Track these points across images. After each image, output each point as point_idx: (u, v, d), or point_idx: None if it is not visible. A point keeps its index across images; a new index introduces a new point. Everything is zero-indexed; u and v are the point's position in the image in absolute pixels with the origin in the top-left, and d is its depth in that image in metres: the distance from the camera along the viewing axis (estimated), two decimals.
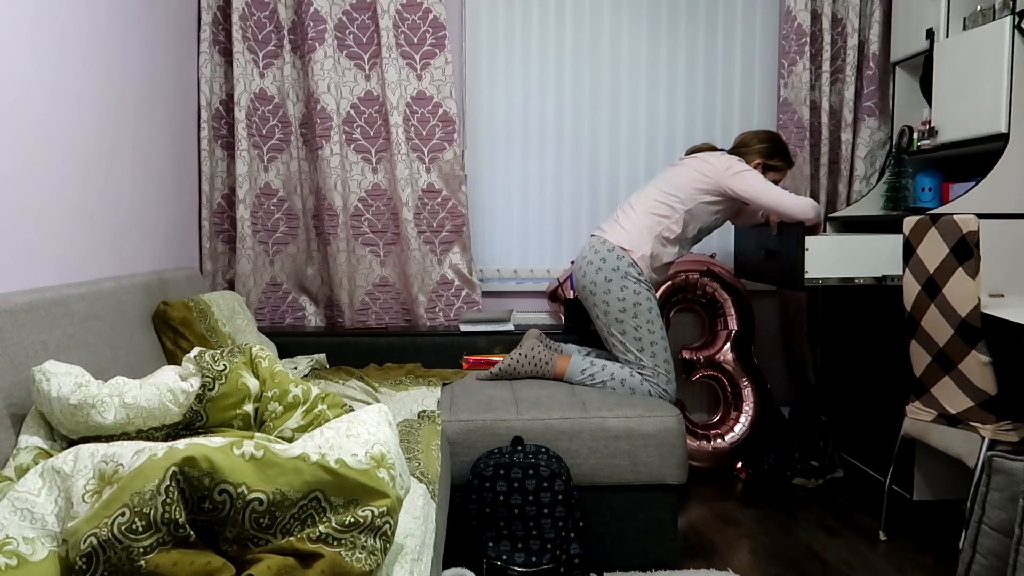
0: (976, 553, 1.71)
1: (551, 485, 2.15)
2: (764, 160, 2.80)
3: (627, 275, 2.59)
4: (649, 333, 2.58)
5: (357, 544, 1.14)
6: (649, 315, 2.58)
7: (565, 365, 2.65)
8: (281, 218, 3.25)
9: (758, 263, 2.98)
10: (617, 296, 2.59)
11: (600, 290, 2.62)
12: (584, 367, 2.63)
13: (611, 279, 2.60)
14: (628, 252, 2.61)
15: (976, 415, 2.20)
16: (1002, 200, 2.58)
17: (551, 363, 2.66)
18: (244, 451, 1.14)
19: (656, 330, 2.59)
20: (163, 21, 2.71)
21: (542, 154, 3.40)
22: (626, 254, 2.61)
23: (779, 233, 2.78)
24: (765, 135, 2.83)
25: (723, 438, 3.15)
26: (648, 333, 2.58)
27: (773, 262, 2.84)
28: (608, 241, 2.66)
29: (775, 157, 2.83)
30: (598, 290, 2.62)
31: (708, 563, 2.38)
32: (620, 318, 2.59)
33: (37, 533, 1.16)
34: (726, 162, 2.68)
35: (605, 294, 2.61)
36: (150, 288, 2.31)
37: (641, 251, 2.62)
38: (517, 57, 3.37)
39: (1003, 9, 2.58)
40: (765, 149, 2.81)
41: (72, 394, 1.49)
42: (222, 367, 1.64)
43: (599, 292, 2.62)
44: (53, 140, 1.97)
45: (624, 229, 2.67)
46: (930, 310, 2.26)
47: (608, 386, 2.58)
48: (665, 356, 2.59)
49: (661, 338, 2.59)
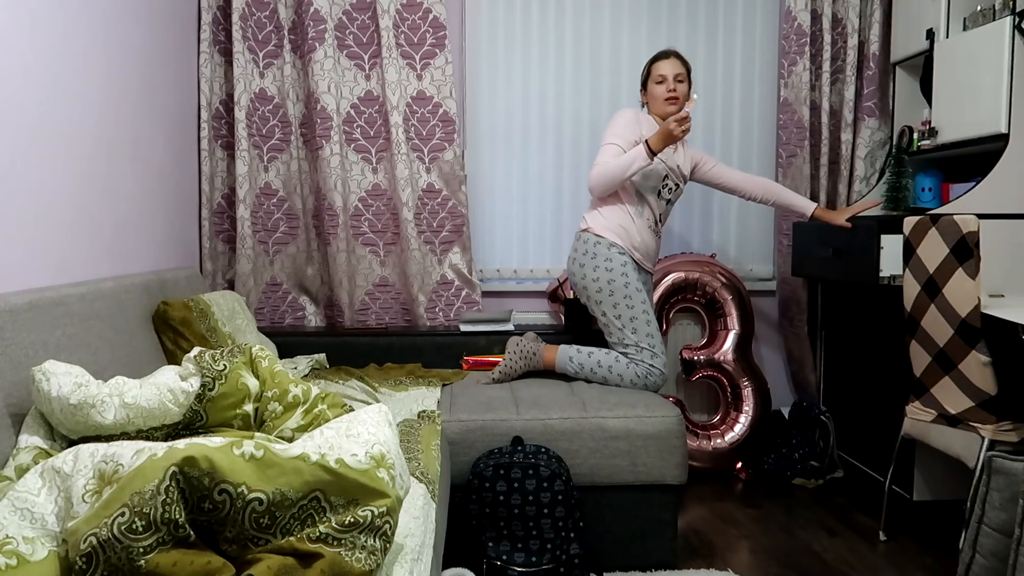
0: (976, 553, 1.71)
1: (551, 485, 2.15)
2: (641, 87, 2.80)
3: (596, 255, 2.65)
4: (628, 308, 2.60)
5: (357, 544, 1.14)
6: (626, 290, 2.61)
7: (553, 355, 2.68)
8: (281, 218, 3.25)
9: (823, 261, 2.95)
10: (592, 279, 2.64)
11: (578, 278, 2.69)
12: (571, 355, 2.66)
13: (584, 264, 2.67)
14: (589, 230, 2.69)
15: (976, 415, 2.20)
16: (1002, 200, 2.58)
17: (539, 354, 2.69)
18: (244, 451, 1.14)
19: (635, 304, 2.61)
20: (163, 21, 2.71)
21: (542, 154, 3.40)
22: (588, 234, 2.69)
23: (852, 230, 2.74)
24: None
25: (723, 438, 3.15)
26: (627, 308, 2.60)
27: (842, 260, 2.82)
28: (577, 231, 2.77)
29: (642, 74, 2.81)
30: (577, 279, 2.70)
31: (708, 563, 2.38)
32: (599, 299, 2.64)
33: (37, 533, 1.16)
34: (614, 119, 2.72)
35: (582, 279, 2.67)
36: (150, 288, 2.31)
37: (599, 223, 2.68)
38: (517, 57, 3.37)
39: (1003, 9, 2.58)
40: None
41: (72, 394, 1.49)
42: (222, 367, 1.64)
43: (579, 281, 2.70)
44: (53, 140, 1.97)
45: (584, 216, 2.76)
46: (930, 310, 2.26)
47: (596, 373, 2.61)
48: (648, 330, 2.60)
49: (642, 312, 2.61)
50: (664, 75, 2.69)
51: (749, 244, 3.50)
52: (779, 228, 3.36)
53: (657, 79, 2.71)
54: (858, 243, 2.70)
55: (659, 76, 2.70)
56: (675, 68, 2.70)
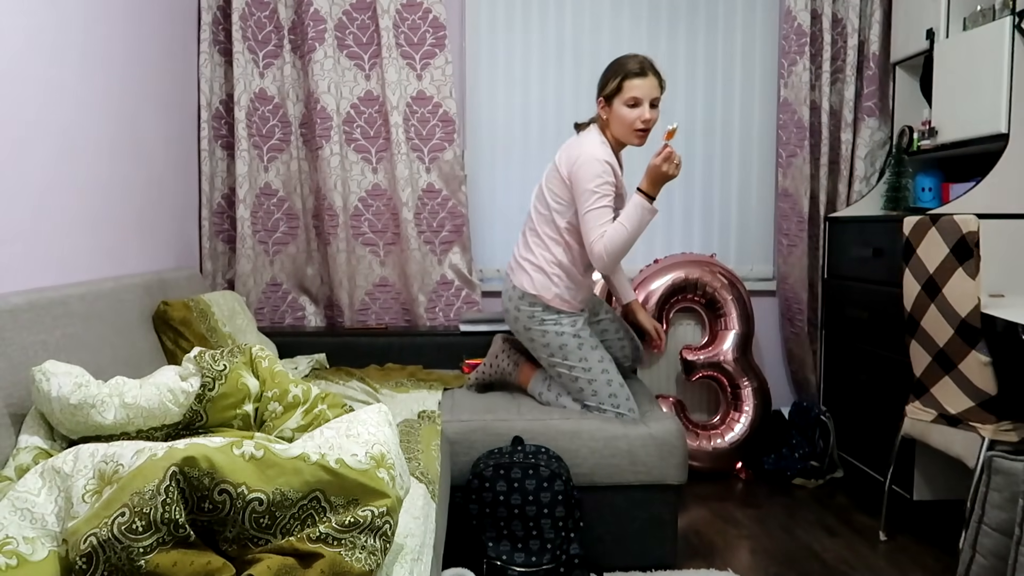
0: (976, 553, 1.71)
1: (551, 485, 2.15)
2: (602, 96, 2.33)
3: (544, 321, 2.37)
4: (584, 371, 2.34)
5: (357, 544, 1.14)
6: (580, 352, 2.34)
7: (528, 377, 2.53)
8: (281, 218, 3.25)
9: (862, 261, 2.94)
10: (541, 343, 2.38)
11: (524, 338, 2.44)
12: (541, 391, 2.48)
13: (530, 327, 2.39)
14: (538, 297, 2.37)
15: (976, 415, 2.20)
16: (1002, 200, 2.58)
17: (514, 373, 2.57)
18: (244, 451, 1.14)
19: (592, 366, 2.34)
20: (163, 21, 2.71)
21: (542, 154, 3.40)
22: (537, 299, 2.37)
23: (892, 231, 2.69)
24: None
25: (723, 438, 3.15)
26: (584, 372, 2.34)
27: (883, 260, 2.81)
28: (517, 287, 2.41)
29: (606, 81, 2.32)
30: (523, 338, 2.45)
31: (708, 563, 2.38)
32: (552, 362, 2.39)
33: (37, 533, 1.16)
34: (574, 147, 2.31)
35: (530, 342, 2.42)
36: (150, 288, 2.31)
37: (548, 290, 2.37)
38: (517, 57, 3.37)
39: (1003, 9, 2.58)
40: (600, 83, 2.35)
41: (72, 394, 1.49)
42: (222, 367, 1.64)
43: (524, 339, 2.44)
44: (53, 140, 1.97)
45: (525, 270, 2.40)
46: (930, 310, 2.26)
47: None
48: (609, 390, 2.34)
49: (601, 372, 2.34)
50: (638, 98, 2.26)
51: (749, 244, 3.50)
52: (779, 228, 3.36)
53: (629, 101, 2.27)
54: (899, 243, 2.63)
55: (632, 98, 2.26)
56: (652, 91, 2.28)
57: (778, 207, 3.37)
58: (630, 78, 2.26)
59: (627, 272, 3.38)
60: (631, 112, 2.27)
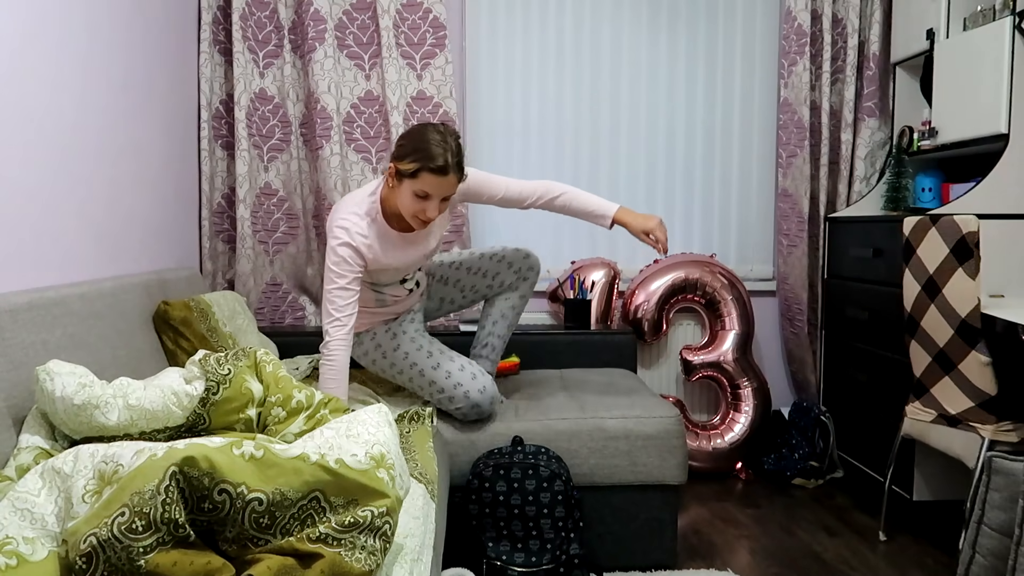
0: (976, 553, 1.71)
1: (551, 485, 2.15)
2: (396, 163, 2.08)
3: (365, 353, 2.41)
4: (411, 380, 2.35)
5: (357, 544, 1.14)
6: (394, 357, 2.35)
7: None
8: (281, 218, 3.25)
9: (862, 261, 2.95)
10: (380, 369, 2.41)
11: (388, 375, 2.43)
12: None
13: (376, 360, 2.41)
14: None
15: (976, 415, 2.20)
16: (1002, 200, 2.58)
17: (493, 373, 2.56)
18: (244, 451, 1.14)
19: (404, 369, 2.33)
20: (163, 21, 2.71)
21: (542, 154, 3.40)
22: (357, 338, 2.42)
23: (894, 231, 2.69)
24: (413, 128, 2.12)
25: (723, 438, 3.15)
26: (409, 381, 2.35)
27: (883, 260, 2.82)
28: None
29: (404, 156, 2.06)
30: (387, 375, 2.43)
31: (708, 563, 2.38)
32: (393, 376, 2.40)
33: (37, 533, 1.16)
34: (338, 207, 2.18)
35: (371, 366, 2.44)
36: (150, 288, 2.31)
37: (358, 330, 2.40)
38: (517, 57, 3.37)
39: (1003, 9, 2.58)
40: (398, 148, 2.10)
41: (76, 394, 1.49)
42: (226, 371, 1.64)
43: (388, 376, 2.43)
44: (53, 140, 1.97)
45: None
46: (930, 310, 2.26)
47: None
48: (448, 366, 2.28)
49: (418, 373, 2.31)
50: (429, 193, 2.05)
51: (749, 244, 3.50)
52: (779, 228, 3.36)
53: (420, 192, 2.05)
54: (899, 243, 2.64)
55: (423, 191, 2.04)
56: (448, 189, 2.07)
57: (778, 207, 3.37)
58: (430, 172, 2.03)
59: (627, 272, 3.40)
60: (417, 203, 2.07)
